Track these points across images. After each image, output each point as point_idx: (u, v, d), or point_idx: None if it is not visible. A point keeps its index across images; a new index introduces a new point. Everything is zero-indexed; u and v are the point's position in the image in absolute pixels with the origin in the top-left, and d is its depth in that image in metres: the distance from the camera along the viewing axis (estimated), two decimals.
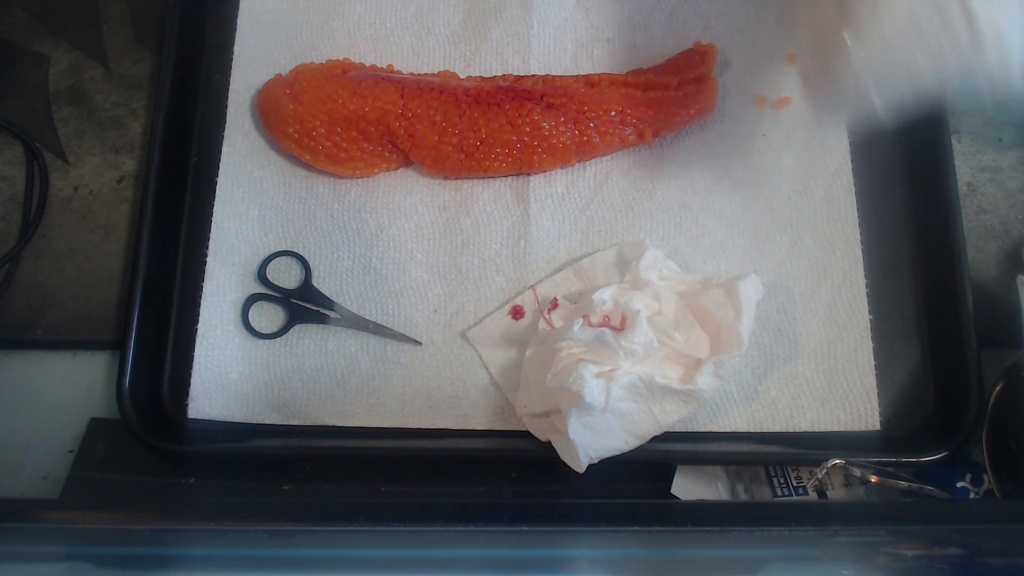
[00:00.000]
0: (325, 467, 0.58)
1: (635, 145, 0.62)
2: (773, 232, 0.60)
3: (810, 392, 0.57)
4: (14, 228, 0.63)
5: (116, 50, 0.67)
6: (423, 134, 0.59)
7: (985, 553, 0.47)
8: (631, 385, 0.52)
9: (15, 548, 0.48)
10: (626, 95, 0.60)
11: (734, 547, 0.49)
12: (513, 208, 0.61)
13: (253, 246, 0.61)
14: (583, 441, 0.51)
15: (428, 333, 0.59)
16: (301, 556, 0.49)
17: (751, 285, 0.55)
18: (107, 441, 0.59)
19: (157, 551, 0.49)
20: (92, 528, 0.47)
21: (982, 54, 0.42)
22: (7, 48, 0.67)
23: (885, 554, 0.48)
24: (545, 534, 0.47)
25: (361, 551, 0.49)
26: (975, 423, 0.55)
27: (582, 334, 0.53)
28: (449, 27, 0.65)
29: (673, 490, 0.56)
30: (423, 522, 0.45)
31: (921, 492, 0.53)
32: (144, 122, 0.65)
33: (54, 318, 0.61)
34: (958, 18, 0.41)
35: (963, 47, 0.42)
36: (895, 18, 0.43)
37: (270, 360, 0.59)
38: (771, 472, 0.57)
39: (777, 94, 0.63)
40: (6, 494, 0.58)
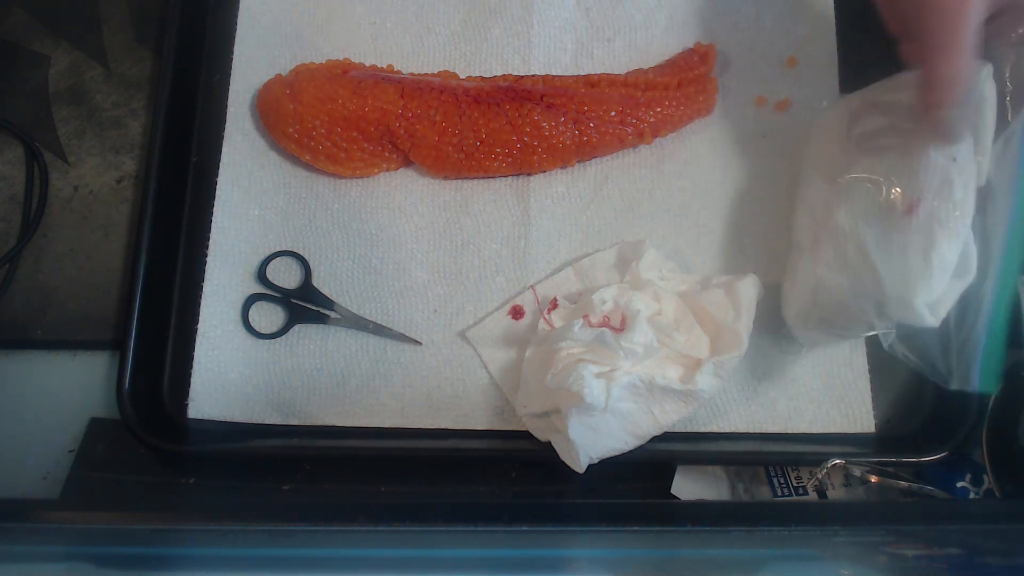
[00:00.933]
0: (325, 467, 0.58)
1: (635, 145, 0.62)
2: (773, 232, 0.60)
3: (808, 393, 0.58)
4: (14, 228, 0.63)
5: (116, 50, 0.67)
6: (423, 134, 0.59)
7: (985, 553, 0.47)
8: (631, 385, 0.52)
9: (15, 548, 0.48)
10: (626, 95, 0.60)
11: (734, 547, 0.49)
12: (513, 208, 0.61)
13: (253, 246, 0.61)
14: (583, 441, 0.51)
15: (428, 333, 0.59)
16: (301, 556, 0.49)
17: (751, 285, 0.55)
18: (107, 441, 0.59)
19: (157, 551, 0.49)
20: (92, 528, 0.47)
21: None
22: (7, 48, 0.67)
23: (885, 554, 0.48)
24: (545, 534, 0.47)
25: (361, 551, 0.49)
26: (975, 423, 0.55)
27: (582, 334, 0.53)
28: (449, 27, 0.65)
29: (673, 490, 0.56)
30: (423, 522, 0.45)
31: (921, 492, 0.53)
32: (144, 122, 0.65)
33: (54, 318, 0.61)
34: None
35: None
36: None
37: (270, 360, 0.59)
38: (771, 472, 0.57)
39: (777, 95, 0.63)
40: (6, 494, 0.58)
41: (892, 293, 0.49)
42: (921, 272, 0.49)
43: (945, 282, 0.49)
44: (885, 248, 0.50)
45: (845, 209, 0.51)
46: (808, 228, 0.54)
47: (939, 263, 0.49)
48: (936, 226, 0.49)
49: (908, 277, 0.49)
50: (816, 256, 0.52)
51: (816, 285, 0.52)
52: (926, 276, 0.49)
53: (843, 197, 0.52)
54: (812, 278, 0.52)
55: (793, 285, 0.55)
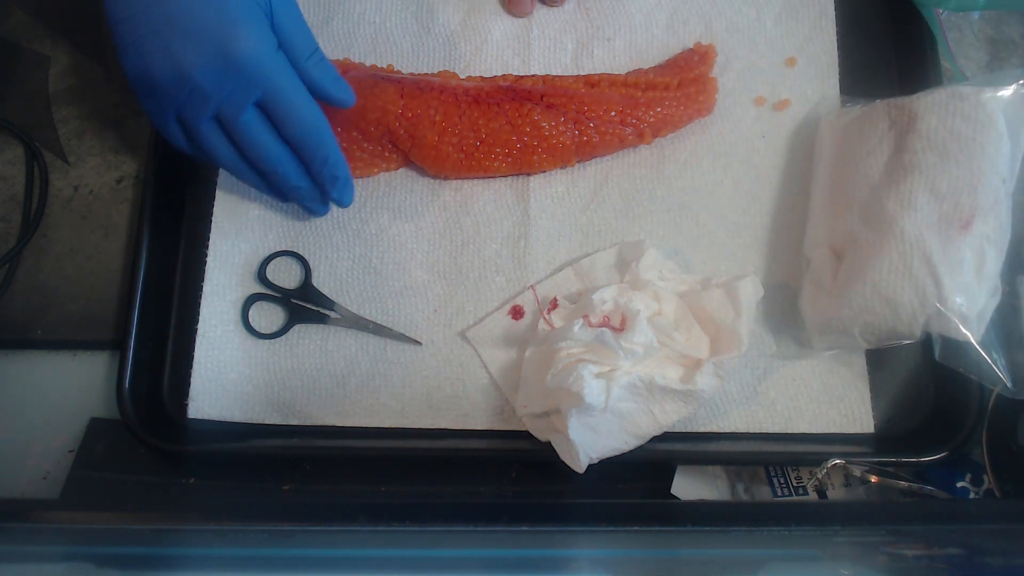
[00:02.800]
0: (325, 467, 0.58)
1: (635, 145, 0.62)
2: (773, 232, 0.60)
3: (807, 394, 0.58)
4: (14, 228, 0.63)
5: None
6: (423, 134, 0.59)
7: (985, 553, 0.47)
8: (631, 385, 0.52)
9: (15, 548, 0.48)
10: (626, 95, 0.60)
11: (734, 547, 0.49)
12: (513, 208, 0.61)
13: (253, 246, 0.61)
14: (583, 441, 0.51)
15: (428, 333, 0.59)
16: (301, 556, 0.49)
17: (751, 285, 0.55)
18: (107, 441, 0.59)
19: (157, 551, 0.49)
20: (92, 528, 0.47)
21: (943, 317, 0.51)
22: (7, 48, 0.67)
23: (885, 554, 0.48)
24: (545, 534, 0.47)
25: (361, 551, 0.49)
26: (975, 423, 0.55)
27: (582, 334, 0.53)
28: (449, 27, 0.65)
29: (673, 490, 0.56)
30: (423, 522, 0.45)
31: (921, 492, 0.53)
32: (144, 122, 0.65)
33: (54, 318, 0.61)
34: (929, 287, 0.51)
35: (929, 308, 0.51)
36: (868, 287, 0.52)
37: (270, 360, 0.59)
38: (771, 472, 0.57)
39: (777, 95, 0.63)
40: (6, 494, 0.58)
41: (951, 306, 0.51)
42: (974, 288, 0.51)
43: (987, 298, 0.52)
44: (946, 261, 0.51)
45: (909, 218, 0.52)
46: (860, 232, 0.54)
47: (987, 280, 0.51)
48: (986, 244, 0.51)
49: (965, 291, 0.51)
50: (875, 262, 0.52)
51: (871, 291, 0.52)
52: (978, 291, 0.51)
53: (906, 206, 0.52)
54: (864, 284, 0.52)
55: (823, 289, 0.55)
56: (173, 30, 0.49)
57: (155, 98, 0.51)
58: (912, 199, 0.52)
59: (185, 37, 0.49)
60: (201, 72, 0.49)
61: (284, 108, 0.52)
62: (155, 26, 0.49)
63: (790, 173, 0.62)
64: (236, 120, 0.51)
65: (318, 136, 0.53)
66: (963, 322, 0.51)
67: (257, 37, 0.49)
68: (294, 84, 0.52)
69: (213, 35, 0.49)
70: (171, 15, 0.49)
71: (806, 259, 0.58)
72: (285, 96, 0.51)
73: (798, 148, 0.62)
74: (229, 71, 0.49)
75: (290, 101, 0.52)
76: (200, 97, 0.50)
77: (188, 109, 0.51)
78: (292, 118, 0.52)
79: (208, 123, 0.52)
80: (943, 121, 0.53)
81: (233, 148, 0.53)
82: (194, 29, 0.49)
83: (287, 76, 0.51)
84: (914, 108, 0.54)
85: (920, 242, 0.51)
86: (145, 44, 0.49)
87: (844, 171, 0.57)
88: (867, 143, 0.56)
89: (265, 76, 0.50)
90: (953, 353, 0.53)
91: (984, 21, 0.65)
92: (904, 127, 0.54)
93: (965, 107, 0.52)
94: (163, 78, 0.49)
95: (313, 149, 0.54)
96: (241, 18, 0.49)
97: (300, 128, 0.52)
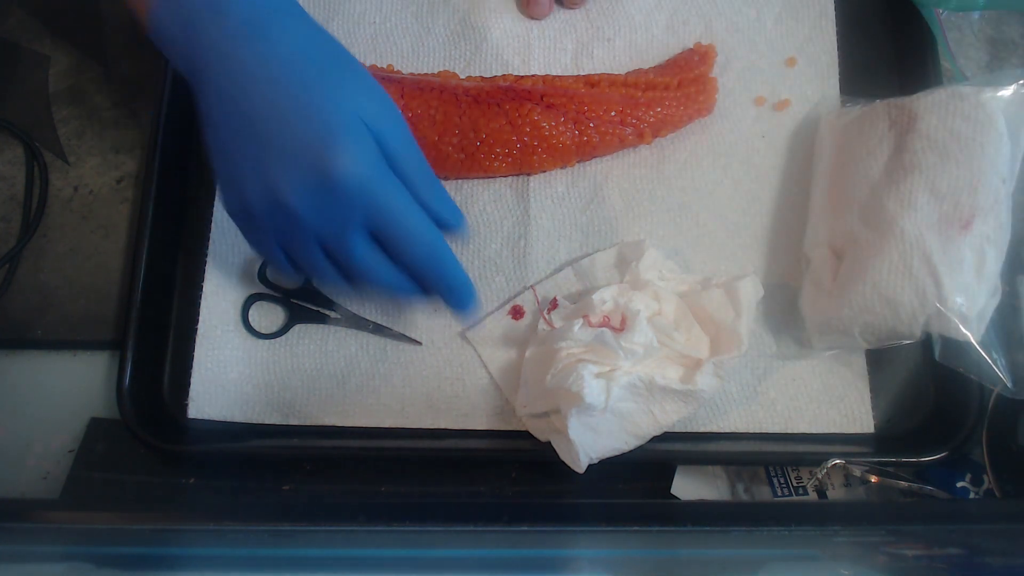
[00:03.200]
0: (325, 467, 0.58)
1: (635, 145, 0.62)
2: (773, 232, 0.60)
3: (807, 394, 0.58)
4: (14, 228, 0.63)
5: (116, 50, 0.67)
6: (423, 134, 0.59)
7: (985, 553, 0.47)
8: (631, 385, 0.52)
9: (15, 548, 0.48)
10: (626, 95, 0.60)
11: (734, 547, 0.49)
12: (513, 208, 0.61)
13: None
14: (583, 441, 0.51)
15: (428, 333, 0.59)
16: (301, 556, 0.49)
17: (751, 285, 0.55)
18: (107, 441, 0.59)
19: (157, 551, 0.49)
20: (92, 528, 0.47)
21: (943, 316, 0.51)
22: (7, 48, 0.67)
23: (885, 554, 0.48)
24: (545, 534, 0.47)
25: (361, 551, 0.49)
26: (975, 423, 0.55)
27: (582, 334, 0.53)
28: (449, 27, 0.65)
29: (673, 490, 0.56)
30: (423, 522, 0.45)
31: (921, 492, 0.53)
32: (144, 122, 0.65)
33: (54, 318, 0.61)
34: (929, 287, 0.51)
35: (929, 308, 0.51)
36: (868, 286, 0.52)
37: (270, 360, 0.59)
38: (771, 472, 0.57)
39: (777, 95, 0.63)
40: (6, 494, 0.58)
41: (951, 306, 0.51)
42: (974, 288, 0.51)
43: (987, 298, 0.52)
44: (946, 261, 0.51)
45: (909, 218, 0.52)
46: (860, 232, 0.54)
47: (987, 280, 0.51)
48: (986, 244, 0.51)
49: (965, 291, 0.51)
50: (875, 262, 0.52)
51: (871, 291, 0.52)
52: (978, 292, 0.51)
53: (907, 207, 0.52)
54: (864, 284, 0.52)
55: (823, 289, 0.55)
56: (268, 153, 0.44)
57: (257, 231, 0.47)
58: (912, 199, 0.52)
59: (280, 159, 0.44)
60: (302, 200, 0.44)
61: (395, 230, 0.45)
62: (249, 151, 0.44)
63: (790, 173, 0.62)
64: (346, 251, 0.46)
65: (436, 256, 0.47)
66: (963, 322, 0.51)
67: (364, 155, 0.44)
68: (406, 203, 0.45)
69: (314, 157, 0.43)
70: (264, 136, 0.44)
71: (806, 259, 0.58)
72: (395, 218, 0.45)
73: (798, 148, 0.62)
74: (332, 197, 0.44)
75: (401, 223, 0.45)
76: (303, 228, 0.45)
77: (292, 240, 0.46)
78: (404, 240, 0.46)
79: (314, 251, 0.46)
80: (943, 121, 0.53)
81: (343, 275, 0.48)
82: (289, 149, 0.44)
83: (397, 195, 0.45)
84: (914, 108, 0.54)
85: (920, 242, 0.51)
86: (241, 173, 0.45)
87: (844, 171, 0.57)
88: (867, 143, 0.56)
89: (373, 197, 0.44)
90: (953, 353, 0.53)
91: (984, 21, 0.65)
92: (904, 127, 0.54)
93: (965, 107, 0.52)
94: (261, 208, 0.45)
95: (435, 277, 0.48)
96: (345, 136, 0.44)
97: (413, 251, 0.46)
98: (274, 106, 0.44)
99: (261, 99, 0.44)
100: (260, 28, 0.45)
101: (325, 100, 0.44)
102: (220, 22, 0.45)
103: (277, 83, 0.44)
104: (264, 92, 0.44)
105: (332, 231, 0.45)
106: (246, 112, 0.44)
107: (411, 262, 0.47)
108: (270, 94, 0.44)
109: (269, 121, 0.44)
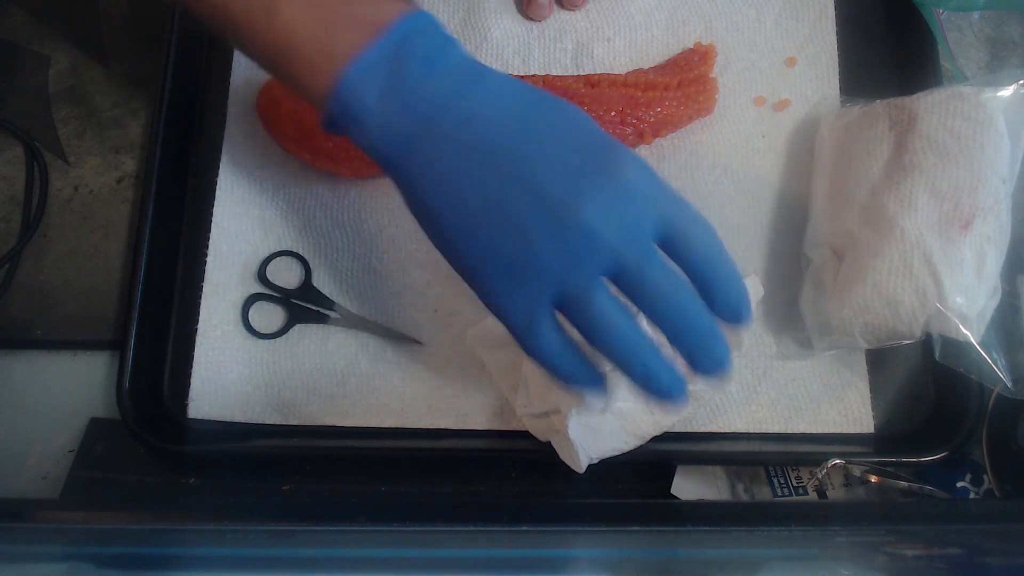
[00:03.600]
0: (325, 467, 0.58)
1: (635, 145, 0.62)
2: (773, 232, 0.60)
3: (807, 394, 0.58)
4: (14, 228, 0.63)
5: (116, 50, 0.67)
6: None
7: (985, 553, 0.47)
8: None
9: (15, 548, 0.48)
10: (626, 95, 0.60)
11: (734, 547, 0.49)
12: None
13: (253, 246, 0.61)
14: (583, 441, 0.51)
15: (428, 333, 0.59)
16: (301, 556, 0.49)
17: (751, 285, 0.55)
18: (107, 441, 0.59)
19: (157, 551, 0.49)
20: (92, 528, 0.47)
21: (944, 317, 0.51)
22: (7, 48, 0.67)
23: (885, 554, 0.48)
24: (545, 534, 0.47)
25: (361, 551, 0.49)
26: (975, 423, 0.55)
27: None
28: (449, 27, 0.65)
29: (673, 490, 0.56)
30: (423, 522, 0.45)
31: (921, 492, 0.53)
32: (144, 122, 0.65)
33: (54, 318, 0.61)
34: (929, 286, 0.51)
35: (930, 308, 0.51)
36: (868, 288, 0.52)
37: (270, 360, 0.59)
38: (771, 472, 0.57)
39: (777, 96, 0.63)
40: (6, 494, 0.58)
41: (951, 306, 0.51)
42: (975, 288, 0.51)
43: (987, 298, 0.51)
44: (946, 261, 0.51)
45: (909, 218, 0.52)
46: (860, 232, 0.54)
47: (987, 280, 0.51)
48: (986, 244, 0.51)
49: (965, 291, 0.51)
50: (876, 262, 0.52)
51: (871, 291, 0.52)
52: (978, 292, 0.51)
53: (907, 207, 0.52)
54: (865, 285, 0.52)
55: (823, 289, 0.55)
56: (558, 185, 0.39)
57: (531, 280, 0.40)
58: (912, 199, 0.52)
59: (530, 205, 0.39)
60: (600, 217, 0.39)
61: (695, 237, 0.42)
62: (520, 192, 0.39)
63: (790, 173, 0.62)
64: (585, 303, 0.40)
65: (691, 312, 0.41)
66: (963, 322, 0.51)
67: (642, 166, 0.41)
68: (703, 221, 0.42)
69: (601, 167, 0.40)
70: (541, 168, 0.39)
71: (806, 259, 0.58)
72: (696, 225, 0.42)
73: (798, 148, 0.62)
74: (632, 206, 0.40)
75: (703, 236, 0.42)
76: (600, 252, 0.39)
77: (578, 270, 0.40)
78: (706, 250, 0.42)
79: (547, 314, 0.41)
80: (943, 121, 0.53)
81: (569, 343, 0.42)
82: (573, 170, 0.39)
83: (694, 210, 0.42)
84: (914, 108, 0.54)
85: (920, 242, 0.51)
86: (511, 219, 0.39)
87: (844, 171, 0.57)
88: (867, 143, 0.56)
89: (674, 204, 0.41)
90: (953, 353, 0.53)
91: (984, 21, 0.65)
92: (904, 127, 0.54)
93: (965, 107, 0.52)
94: (544, 244, 0.39)
95: (686, 331, 0.41)
96: (621, 148, 0.40)
97: (714, 263, 0.42)
98: (542, 131, 0.40)
99: (531, 127, 0.41)
100: (490, 76, 0.41)
101: (597, 129, 0.41)
102: (443, 76, 0.40)
103: (543, 112, 0.41)
104: (530, 121, 0.41)
105: (633, 253, 0.40)
106: (511, 148, 0.40)
107: (660, 311, 0.41)
108: (537, 121, 0.41)
109: (543, 148, 0.40)
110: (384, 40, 0.40)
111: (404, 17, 0.41)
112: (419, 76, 0.40)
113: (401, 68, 0.40)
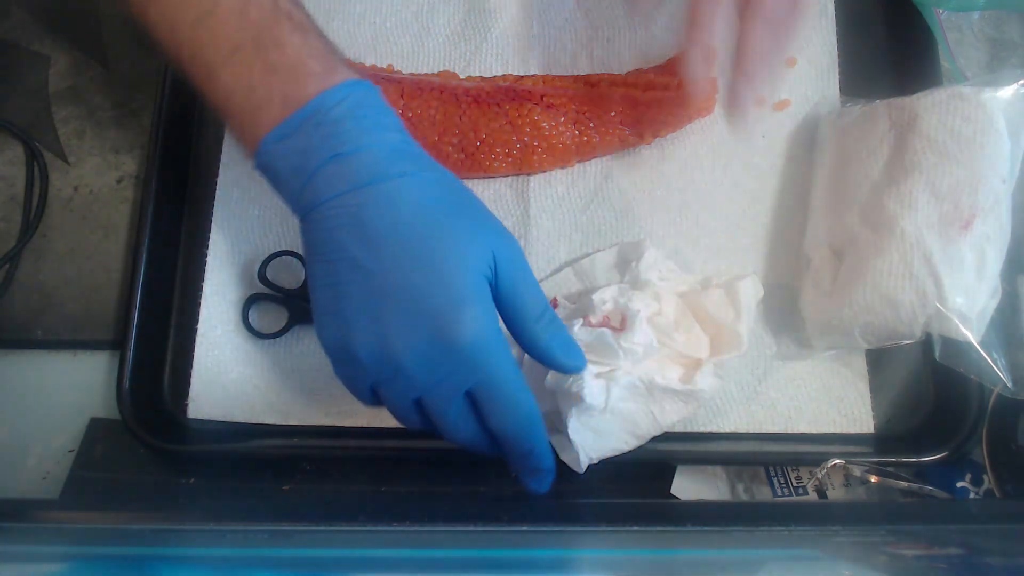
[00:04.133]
0: (325, 467, 0.58)
1: (635, 145, 0.62)
2: (773, 232, 0.60)
3: (807, 394, 0.58)
4: (14, 228, 0.63)
5: (116, 50, 0.67)
6: (423, 134, 0.59)
7: (985, 553, 0.47)
8: (631, 385, 0.52)
9: (15, 548, 0.48)
10: (626, 95, 0.60)
11: (734, 547, 0.49)
12: (513, 208, 0.61)
13: (253, 246, 0.61)
14: (583, 441, 0.51)
15: None
16: (301, 556, 0.49)
17: (751, 285, 0.55)
18: (107, 441, 0.59)
19: (157, 551, 0.49)
20: (92, 528, 0.47)
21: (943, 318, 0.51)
22: (7, 48, 0.67)
23: (885, 554, 0.48)
24: (545, 534, 0.47)
25: (361, 551, 0.49)
26: (975, 423, 0.55)
27: (582, 334, 0.53)
28: (449, 27, 0.65)
29: (673, 490, 0.56)
30: (423, 522, 0.45)
31: (921, 492, 0.53)
32: (144, 122, 0.65)
33: (54, 318, 0.61)
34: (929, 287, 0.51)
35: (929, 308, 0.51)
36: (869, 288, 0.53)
37: (270, 360, 0.59)
38: (771, 472, 0.57)
39: (777, 96, 0.63)
40: (6, 494, 0.58)
41: (951, 306, 0.51)
42: (975, 288, 0.51)
43: (987, 298, 0.52)
44: (946, 261, 0.51)
45: (910, 218, 0.52)
46: (860, 233, 0.54)
47: (987, 280, 0.51)
48: (986, 244, 0.51)
49: (965, 291, 0.51)
50: (876, 262, 0.52)
51: (871, 291, 0.52)
52: (978, 292, 0.51)
53: (907, 207, 0.52)
54: (865, 285, 0.52)
55: (823, 289, 0.55)
56: (386, 307, 0.43)
57: (352, 369, 0.46)
58: (912, 199, 0.52)
59: (400, 317, 0.43)
60: (413, 357, 0.44)
61: (496, 399, 0.45)
62: (364, 301, 0.44)
63: (790, 173, 0.62)
64: (440, 409, 0.46)
65: (529, 431, 0.47)
66: (963, 322, 0.51)
67: (482, 321, 0.44)
68: (513, 374, 0.46)
69: (433, 318, 0.43)
70: (385, 290, 0.43)
71: (806, 259, 0.58)
72: (500, 386, 0.45)
73: (798, 148, 0.62)
74: (444, 359, 0.44)
75: (504, 392, 0.45)
76: (407, 382, 0.45)
77: (389, 388, 0.46)
78: (503, 410, 0.46)
79: (407, 402, 0.46)
80: (943, 121, 0.53)
81: (428, 422, 0.48)
82: (412, 309, 0.43)
83: (507, 365, 0.45)
84: (914, 108, 0.54)
85: (920, 242, 0.51)
86: (350, 316, 0.44)
87: (844, 171, 0.57)
88: (867, 143, 0.56)
89: (484, 364, 0.44)
90: (953, 353, 0.53)
91: (984, 21, 0.65)
92: (904, 127, 0.54)
93: (965, 107, 0.52)
94: (367, 355, 0.44)
95: (521, 443, 0.47)
96: (467, 299, 0.44)
97: (509, 422, 0.46)
98: (399, 266, 0.44)
99: (387, 257, 0.44)
100: (383, 176, 0.44)
101: (453, 263, 0.44)
102: (341, 168, 0.44)
103: (404, 243, 0.44)
104: (390, 251, 0.44)
105: (436, 391, 0.45)
106: (368, 266, 0.44)
107: (502, 431, 0.46)
108: (396, 253, 0.44)
109: (394, 279, 0.44)
110: (292, 118, 0.45)
111: (322, 95, 0.45)
112: (319, 162, 0.44)
113: (307, 148, 0.44)
